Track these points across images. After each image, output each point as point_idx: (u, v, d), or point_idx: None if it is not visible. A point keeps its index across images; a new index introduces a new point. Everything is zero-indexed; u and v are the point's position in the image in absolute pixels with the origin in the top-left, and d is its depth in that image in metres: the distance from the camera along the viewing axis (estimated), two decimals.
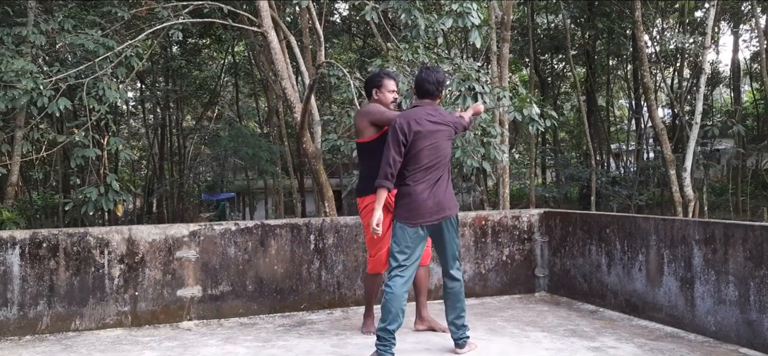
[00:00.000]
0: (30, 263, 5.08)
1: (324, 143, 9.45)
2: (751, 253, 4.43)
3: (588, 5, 20.14)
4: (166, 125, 24.48)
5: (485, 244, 6.38)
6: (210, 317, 5.51)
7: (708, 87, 20.93)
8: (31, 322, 5.07)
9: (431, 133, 4.07)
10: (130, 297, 5.32)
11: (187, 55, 20.86)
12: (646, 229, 5.34)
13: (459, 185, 18.85)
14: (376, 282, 4.98)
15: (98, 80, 8.04)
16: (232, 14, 10.69)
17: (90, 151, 7.98)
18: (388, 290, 4.09)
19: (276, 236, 5.74)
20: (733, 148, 21.79)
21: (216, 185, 27.01)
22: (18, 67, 7.46)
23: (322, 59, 8.87)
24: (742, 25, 22.25)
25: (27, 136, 9.09)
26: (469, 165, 7.75)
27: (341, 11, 20.18)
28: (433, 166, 4.09)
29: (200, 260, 5.50)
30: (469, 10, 7.35)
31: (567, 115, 27.04)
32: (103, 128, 9.07)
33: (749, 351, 4.40)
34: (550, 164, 25.46)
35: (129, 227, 5.41)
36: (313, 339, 4.90)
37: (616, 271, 5.66)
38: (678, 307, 5.02)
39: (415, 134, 4.03)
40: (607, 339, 4.78)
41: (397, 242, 4.10)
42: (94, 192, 7.91)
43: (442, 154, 4.11)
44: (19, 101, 7.49)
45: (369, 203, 4.47)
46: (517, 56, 22.28)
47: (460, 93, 7.43)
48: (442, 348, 4.57)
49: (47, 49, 9.18)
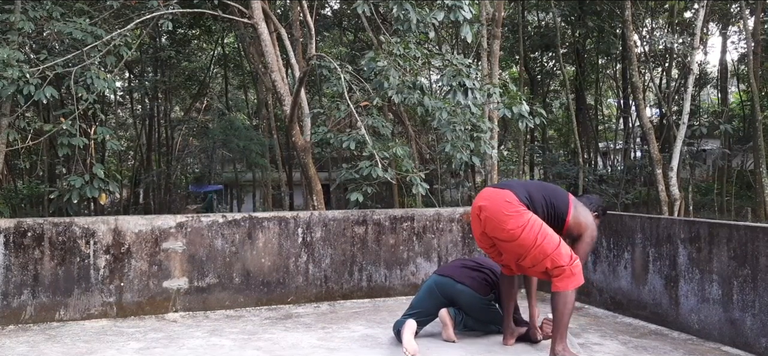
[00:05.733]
0: (14, 252, 5.03)
1: (313, 136, 9.44)
2: (735, 252, 4.47)
3: (578, 4, 20.22)
4: (154, 115, 24.32)
5: (472, 240, 6.39)
6: (196, 309, 5.49)
7: (696, 88, 21.11)
8: (15, 312, 5.02)
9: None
10: (115, 288, 5.28)
11: (177, 45, 20.70)
12: (632, 227, 5.38)
13: (448, 181, 18.90)
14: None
15: (86, 69, 7.97)
16: (223, 5, 10.64)
17: (77, 140, 7.91)
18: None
19: (264, 229, 5.72)
20: (719, 148, 22.00)
21: (204, 176, 26.90)
22: (4, 55, 7.38)
23: (312, 52, 8.85)
24: (730, 26, 22.44)
25: (13, 124, 9.00)
26: (459, 160, 7.77)
27: (332, 4, 20.12)
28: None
29: (187, 251, 5.48)
30: (460, 5, 7.36)
31: (556, 113, 27.15)
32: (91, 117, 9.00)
33: (731, 349, 4.45)
34: (539, 162, 25.55)
35: (115, 218, 5.38)
36: (299, 332, 4.89)
37: (601, 268, 5.70)
38: (662, 305, 5.07)
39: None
40: (591, 336, 4.81)
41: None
42: (79, 181, 7.85)
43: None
44: (5, 90, 7.41)
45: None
46: (508, 53, 22.33)
47: (451, 88, 7.45)
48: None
49: (35, 37, 9.08)
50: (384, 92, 7.76)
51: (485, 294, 4.68)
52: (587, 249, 4.24)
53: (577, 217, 4.22)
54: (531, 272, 4.28)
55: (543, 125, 20.67)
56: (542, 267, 4.09)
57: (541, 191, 4.24)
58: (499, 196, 4.13)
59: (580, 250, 4.18)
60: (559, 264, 4.03)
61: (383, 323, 5.12)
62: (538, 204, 4.15)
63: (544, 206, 4.17)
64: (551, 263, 4.03)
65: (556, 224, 4.18)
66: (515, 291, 4.53)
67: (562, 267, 4.03)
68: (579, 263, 4.10)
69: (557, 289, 4.05)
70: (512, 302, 4.52)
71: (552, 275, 4.07)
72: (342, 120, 9.54)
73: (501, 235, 4.12)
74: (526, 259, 4.12)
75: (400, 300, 5.90)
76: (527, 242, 4.03)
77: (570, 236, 4.25)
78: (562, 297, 4.03)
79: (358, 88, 8.96)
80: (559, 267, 4.03)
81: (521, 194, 4.14)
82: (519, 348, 4.48)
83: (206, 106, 27.14)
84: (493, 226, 4.13)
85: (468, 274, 4.70)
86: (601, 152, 27.54)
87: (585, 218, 4.25)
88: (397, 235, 6.17)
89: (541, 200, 4.18)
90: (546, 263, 4.05)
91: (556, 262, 4.03)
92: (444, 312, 4.62)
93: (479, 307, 4.67)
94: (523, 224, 4.02)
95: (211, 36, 22.20)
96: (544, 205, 4.17)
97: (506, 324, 4.55)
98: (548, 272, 4.09)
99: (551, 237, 4.06)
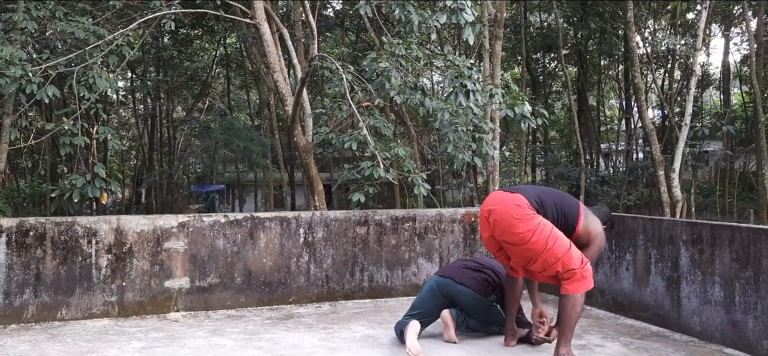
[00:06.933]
0: (16, 251, 5.04)
1: (315, 136, 9.44)
2: (737, 254, 4.47)
3: (581, 5, 20.20)
4: (156, 115, 24.34)
5: (474, 241, 6.39)
6: (197, 309, 5.49)
7: (698, 89, 21.06)
8: (17, 311, 5.03)
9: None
10: (117, 288, 5.29)
11: (179, 45, 20.72)
12: (634, 229, 5.38)
13: (449, 182, 18.89)
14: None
15: (88, 69, 7.97)
16: (225, 5, 10.64)
17: (79, 139, 7.91)
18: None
19: (265, 229, 5.73)
20: (721, 150, 21.96)
21: (205, 176, 26.91)
22: (7, 54, 7.39)
23: (314, 53, 8.85)
24: (733, 28, 22.40)
25: (15, 123, 9.01)
26: (461, 160, 7.77)
27: (334, 5, 20.12)
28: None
29: (189, 251, 5.48)
30: (462, 7, 7.35)
31: (558, 114, 27.12)
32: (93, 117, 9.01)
33: (733, 351, 4.44)
34: (541, 163, 25.52)
35: (117, 217, 5.38)
36: (300, 332, 4.89)
37: (603, 270, 5.69)
38: (664, 307, 5.06)
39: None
40: (593, 338, 4.81)
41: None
42: (81, 180, 7.85)
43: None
44: (7, 88, 7.42)
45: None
46: (510, 54, 22.31)
47: (453, 89, 7.44)
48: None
49: (37, 36, 9.09)
50: (386, 92, 7.76)
51: (486, 294, 4.68)
52: (594, 258, 4.24)
53: (587, 226, 4.21)
54: (540, 277, 4.25)
55: (545, 126, 20.69)
56: (553, 270, 4.07)
57: (552, 197, 4.23)
58: (510, 199, 4.12)
59: (586, 257, 4.18)
60: (570, 267, 4.01)
61: (384, 323, 5.12)
62: (548, 209, 4.13)
63: (554, 211, 4.15)
64: (562, 266, 4.02)
65: (566, 231, 4.16)
66: (519, 293, 4.52)
67: (574, 270, 4.01)
68: (590, 267, 4.09)
69: (567, 292, 4.04)
70: (515, 303, 4.52)
71: (563, 278, 4.05)
72: (344, 120, 9.54)
73: (511, 238, 4.10)
74: (535, 263, 4.10)
75: (401, 301, 5.90)
76: (538, 246, 4.01)
77: (578, 245, 4.23)
78: (571, 300, 4.02)
79: (359, 88, 8.96)
80: (571, 270, 4.01)
81: (532, 198, 4.12)
82: (520, 350, 4.48)
83: (208, 106, 27.15)
84: (503, 229, 4.11)
85: (469, 275, 4.70)
86: (603, 154, 27.52)
87: (595, 228, 4.24)
88: (399, 236, 6.17)
89: (552, 206, 4.16)
90: (557, 267, 4.04)
91: (567, 265, 4.01)
92: (445, 313, 4.62)
93: (480, 308, 4.67)
94: (533, 228, 4.01)
95: (214, 36, 22.21)
96: (555, 211, 4.16)
97: (508, 326, 4.54)
98: (559, 275, 4.07)
99: (562, 240, 4.05)
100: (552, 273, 4.10)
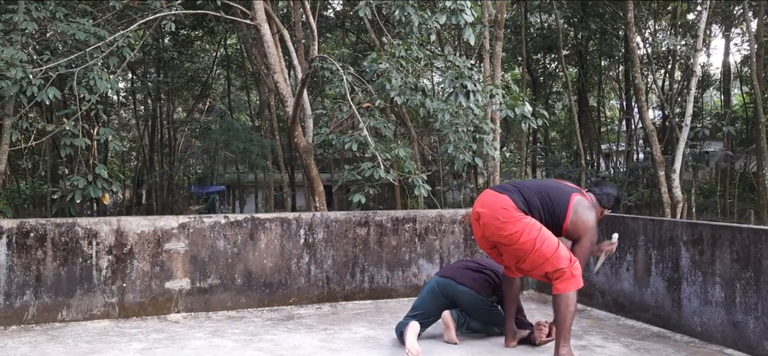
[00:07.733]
0: (17, 252, 5.04)
1: (316, 137, 9.44)
2: (738, 255, 4.46)
3: (581, 6, 20.19)
4: (156, 116, 24.33)
5: (474, 241, 6.38)
6: (198, 310, 5.49)
7: (698, 89, 21.03)
8: (18, 312, 5.03)
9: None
10: (117, 289, 5.29)
11: (179, 46, 20.72)
12: (635, 229, 5.37)
13: (450, 183, 18.89)
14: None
15: (89, 70, 7.98)
16: (225, 6, 10.65)
17: (79, 140, 7.92)
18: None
19: (266, 230, 5.73)
20: (721, 150, 21.94)
21: (206, 177, 26.92)
22: (8, 55, 7.39)
23: (315, 54, 8.85)
24: (733, 28, 22.39)
25: (16, 125, 9.02)
26: (461, 161, 7.77)
27: (335, 6, 20.13)
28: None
29: (189, 252, 5.48)
30: (462, 8, 7.36)
31: (558, 114, 27.12)
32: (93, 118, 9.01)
33: (734, 351, 4.44)
34: (541, 163, 25.51)
35: (118, 219, 5.38)
36: (301, 333, 4.89)
37: (603, 270, 5.69)
38: (665, 307, 5.06)
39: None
40: (593, 338, 4.80)
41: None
42: (82, 181, 7.86)
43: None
44: (8, 91, 7.42)
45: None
46: (510, 55, 22.30)
47: (453, 90, 7.45)
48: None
49: (38, 38, 9.10)
50: (386, 93, 7.77)
51: (487, 295, 4.68)
52: (586, 253, 4.24)
53: (576, 220, 4.20)
54: (532, 275, 4.31)
55: (545, 126, 20.67)
56: (542, 270, 4.12)
57: (541, 193, 4.23)
58: (497, 203, 4.16)
59: (578, 253, 4.18)
60: (558, 267, 4.05)
61: (385, 324, 5.12)
62: (534, 208, 4.16)
63: (540, 210, 4.18)
64: (551, 266, 4.06)
65: (555, 226, 4.19)
66: (517, 293, 4.53)
67: (562, 270, 4.04)
68: (579, 265, 4.11)
69: (558, 291, 4.07)
70: (514, 303, 4.52)
71: (552, 278, 4.09)
72: (344, 121, 9.54)
73: (500, 239, 4.16)
74: (525, 262, 4.15)
75: (402, 302, 5.90)
76: (526, 246, 4.06)
77: (569, 238, 4.25)
78: (563, 300, 4.05)
79: (360, 89, 8.96)
80: (559, 269, 4.05)
81: (518, 199, 4.16)
82: (521, 351, 4.48)
83: (209, 107, 27.15)
84: (492, 232, 4.18)
85: (470, 275, 4.70)
86: (604, 154, 27.50)
87: (585, 222, 4.21)
88: (399, 236, 6.17)
89: (538, 205, 4.18)
90: (545, 267, 4.08)
91: (555, 265, 4.05)
92: (446, 313, 4.62)
93: (481, 308, 4.67)
94: (520, 229, 4.05)
95: (214, 37, 22.22)
96: (541, 209, 4.18)
97: (508, 326, 4.54)
98: (548, 275, 4.11)
99: (550, 241, 4.07)
100: (541, 273, 4.15)
